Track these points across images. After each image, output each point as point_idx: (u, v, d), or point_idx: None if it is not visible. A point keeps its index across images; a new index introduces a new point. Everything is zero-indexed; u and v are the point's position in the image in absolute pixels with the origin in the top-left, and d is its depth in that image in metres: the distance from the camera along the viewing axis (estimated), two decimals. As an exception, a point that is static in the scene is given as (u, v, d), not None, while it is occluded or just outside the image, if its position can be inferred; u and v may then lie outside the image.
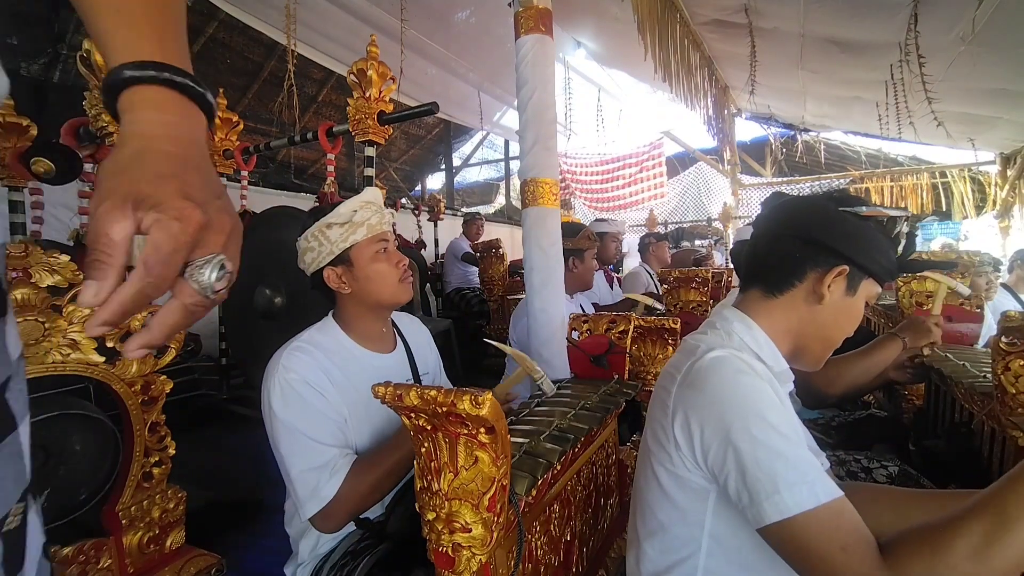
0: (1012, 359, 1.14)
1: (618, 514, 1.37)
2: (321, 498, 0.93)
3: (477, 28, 4.57)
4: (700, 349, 0.77)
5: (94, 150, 1.92)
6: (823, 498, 0.62)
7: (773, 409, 0.68)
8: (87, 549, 1.21)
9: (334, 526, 0.97)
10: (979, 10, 2.35)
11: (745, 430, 0.66)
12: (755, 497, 0.64)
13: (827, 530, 0.61)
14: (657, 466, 0.78)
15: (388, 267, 1.11)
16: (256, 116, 5.87)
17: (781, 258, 0.81)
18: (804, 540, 0.62)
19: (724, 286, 3.00)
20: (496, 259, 3.65)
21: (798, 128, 6.06)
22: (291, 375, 0.99)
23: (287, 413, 0.97)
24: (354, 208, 1.07)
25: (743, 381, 0.71)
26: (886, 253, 0.79)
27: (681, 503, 0.76)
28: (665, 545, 0.78)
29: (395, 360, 1.20)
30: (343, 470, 0.95)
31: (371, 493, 0.96)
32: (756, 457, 0.65)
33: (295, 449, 0.96)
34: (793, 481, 0.62)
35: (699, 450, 0.70)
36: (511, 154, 8.98)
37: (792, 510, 0.61)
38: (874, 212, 0.78)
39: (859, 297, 0.80)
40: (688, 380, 0.74)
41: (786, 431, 0.66)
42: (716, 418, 0.69)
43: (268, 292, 2.14)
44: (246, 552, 1.69)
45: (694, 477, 0.73)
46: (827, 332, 0.82)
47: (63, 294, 1.17)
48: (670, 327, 1.52)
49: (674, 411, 0.74)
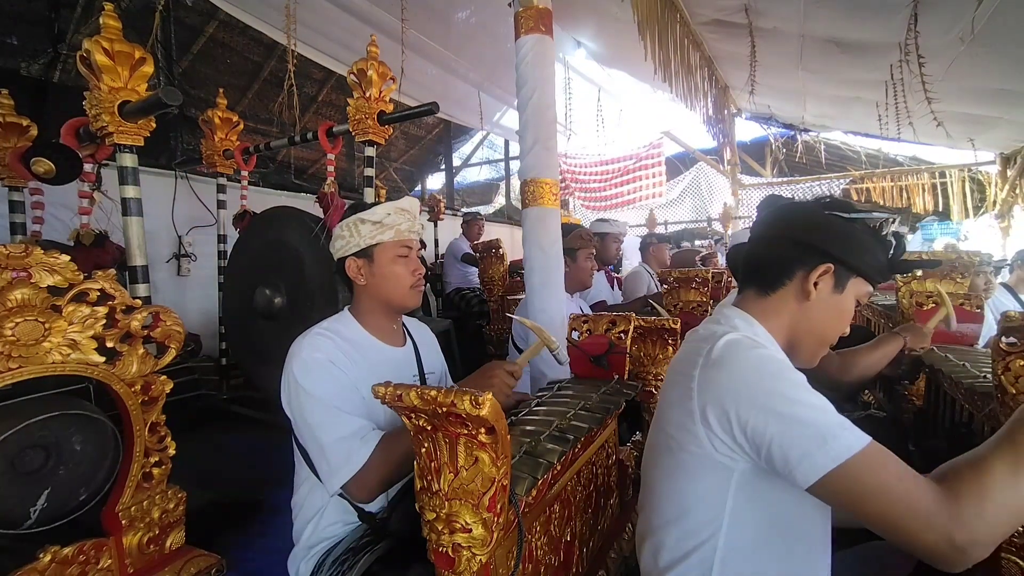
0: (1012, 359, 1.14)
1: (618, 514, 1.37)
2: (354, 464, 0.96)
3: (477, 28, 4.56)
4: (716, 334, 0.81)
5: (94, 150, 1.92)
6: (865, 440, 0.66)
7: (794, 372, 0.74)
8: (87, 549, 1.21)
9: (367, 494, 0.99)
10: (978, 10, 2.34)
11: (780, 394, 0.70)
12: (806, 452, 0.66)
13: (879, 466, 0.65)
14: (680, 453, 0.80)
15: (404, 271, 1.18)
16: (256, 116, 5.86)
17: (773, 258, 0.87)
18: (862, 480, 0.65)
19: (724, 286, 3.00)
20: (496, 259, 3.64)
21: (798, 128, 6.06)
22: (317, 354, 1.06)
23: (316, 387, 1.02)
24: (388, 211, 1.16)
25: (764, 354, 0.76)
26: (874, 253, 0.83)
27: (705, 484, 0.78)
28: (684, 531, 0.80)
29: (404, 354, 1.26)
30: (373, 439, 0.99)
31: (400, 463, 0.98)
32: (796, 415, 0.68)
33: (326, 420, 1.00)
34: (836, 431, 0.67)
35: (736, 427, 0.72)
36: (511, 154, 8.98)
37: (844, 454, 0.65)
38: (859, 215, 0.83)
39: (847, 295, 0.85)
40: (711, 362, 0.78)
41: (813, 391, 0.71)
42: (749, 391, 0.72)
43: (268, 292, 2.14)
44: (246, 552, 1.69)
45: (721, 458, 0.75)
46: (818, 328, 0.87)
47: (63, 294, 1.17)
48: (670, 327, 1.52)
49: (701, 395, 0.77)
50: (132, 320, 1.28)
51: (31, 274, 1.13)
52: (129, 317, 1.28)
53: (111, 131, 1.59)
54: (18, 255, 1.11)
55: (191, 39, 4.89)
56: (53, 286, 1.15)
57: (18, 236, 2.25)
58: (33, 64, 3.81)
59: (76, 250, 2.01)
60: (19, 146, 2.07)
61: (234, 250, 2.54)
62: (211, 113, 2.66)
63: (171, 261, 3.49)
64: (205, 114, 2.68)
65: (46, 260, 1.15)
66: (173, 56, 4.13)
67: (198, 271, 3.57)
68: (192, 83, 4.85)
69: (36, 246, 1.15)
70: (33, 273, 1.13)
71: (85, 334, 1.20)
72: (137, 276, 1.68)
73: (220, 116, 2.66)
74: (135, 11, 3.97)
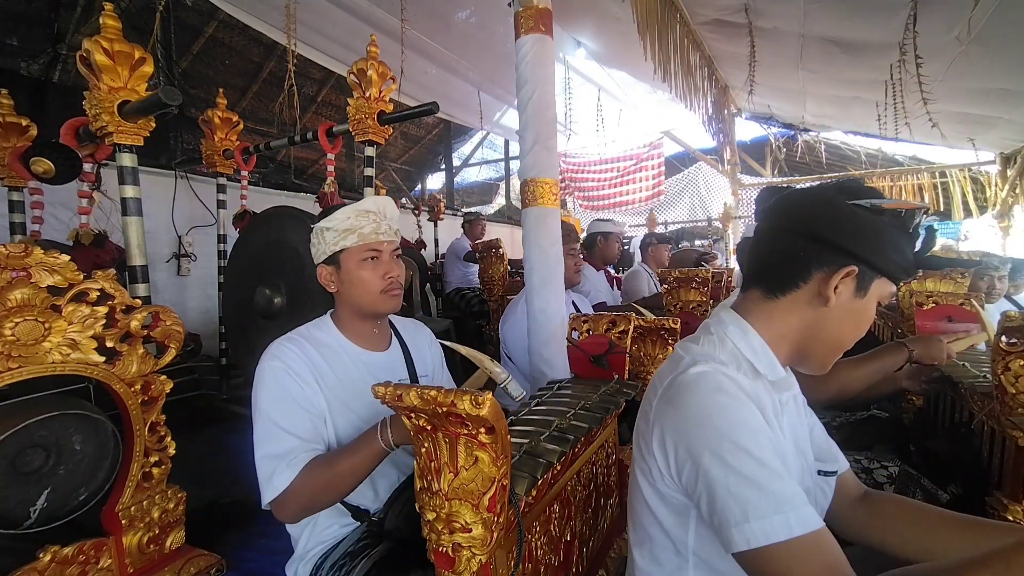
0: (1012, 359, 1.14)
1: (618, 514, 1.37)
2: (275, 487, 0.95)
3: (477, 28, 4.56)
4: (684, 361, 0.74)
5: (94, 150, 1.91)
6: (797, 531, 0.58)
7: (752, 433, 0.64)
8: (87, 549, 1.21)
9: (285, 517, 0.98)
10: (975, 11, 2.34)
11: (717, 454, 0.63)
12: (724, 523, 0.61)
13: (799, 564, 0.58)
14: (641, 479, 0.76)
15: (372, 276, 1.14)
16: (256, 116, 5.86)
17: (784, 257, 0.75)
18: (775, 572, 0.59)
19: (724, 286, 3.00)
20: (496, 259, 3.64)
21: (798, 128, 6.06)
22: (275, 363, 1.04)
23: (262, 399, 1.02)
24: (347, 215, 1.13)
25: (720, 402, 0.67)
26: (902, 250, 0.71)
27: (664, 518, 0.74)
28: (654, 556, 0.77)
29: (387, 358, 1.22)
30: (300, 464, 0.96)
31: (322, 492, 0.96)
32: (727, 483, 0.62)
33: (262, 434, 1.00)
34: (764, 512, 0.59)
35: (674, 468, 0.69)
36: (511, 154, 8.98)
37: (761, 541, 0.59)
38: (891, 205, 0.70)
39: (870, 298, 0.74)
40: (668, 395, 0.72)
41: (762, 456, 0.62)
42: (690, 438, 0.67)
43: (268, 292, 2.14)
44: (246, 552, 1.69)
45: (674, 493, 0.71)
46: (833, 335, 0.76)
47: (63, 294, 1.17)
48: (670, 327, 1.52)
49: (653, 425, 0.73)
50: (132, 320, 1.28)
51: (31, 274, 1.13)
52: (129, 317, 1.28)
53: (111, 131, 1.59)
54: (18, 255, 1.11)
55: (191, 39, 4.88)
56: (53, 286, 1.15)
57: (18, 236, 2.25)
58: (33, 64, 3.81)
59: (76, 250, 2.00)
60: (19, 146, 2.07)
61: (234, 250, 2.54)
62: (211, 113, 2.66)
63: (171, 261, 3.49)
64: (205, 114, 2.68)
65: (46, 260, 1.15)
66: (173, 56, 4.13)
67: (198, 271, 3.57)
68: (192, 83, 4.84)
69: (36, 246, 1.15)
70: (33, 273, 1.13)
71: (85, 334, 1.20)
72: (137, 276, 1.68)
73: (220, 116, 2.66)
74: (135, 11, 3.96)
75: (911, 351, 1.29)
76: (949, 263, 1.25)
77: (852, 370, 1.27)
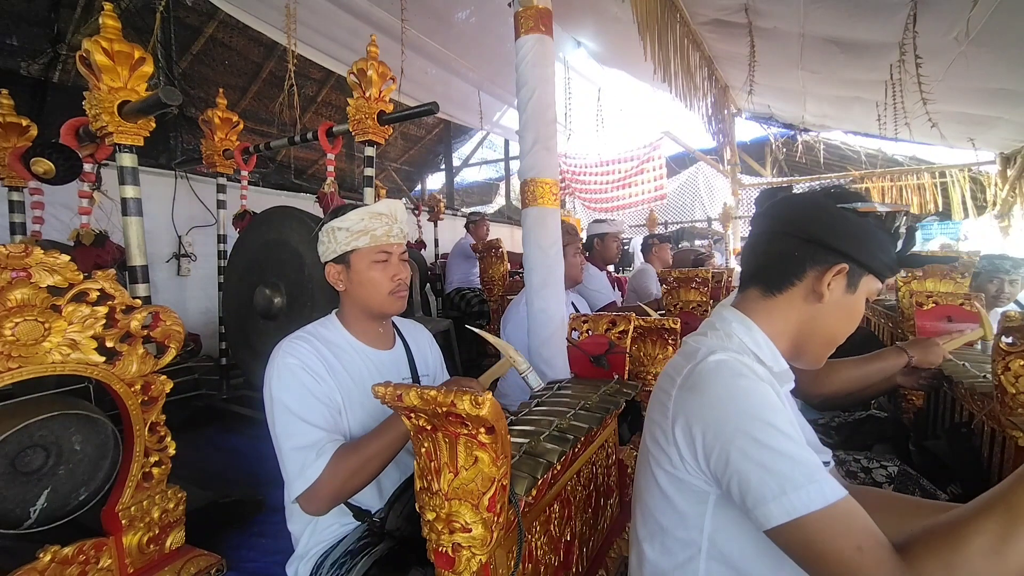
0: (1012, 359, 1.14)
1: (618, 514, 1.37)
2: (307, 478, 0.96)
3: (477, 28, 4.57)
4: (700, 352, 0.77)
5: (94, 150, 1.92)
6: (831, 498, 0.61)
7: (775, 411, 0.67)
8: (87, 549, 1.21)
9: (316, 508, 0.99)
10: (974, 11, 2.34)
11: (747, 433, 0.66)
12: (761, 499, 0.63)
13: (840, 530, 0.60)
14: (656, 468, 0.78)
15: (382, 277, 1.16)
16: (256, 116, 5.86)
17: (780, 257, 0.81)
18: (816, 541, 0.60)
19: (724, 286, 3.00)
20: (496, 259, 3.64)
21: (798, 128, 6.06)
22: (290, 359, 1.06)
23: (283, 394, 1.02)
24: (361, 217, 1.14)
25: (743, 385, 0.70)
26: (886, 249, 0.78)
27: (681, 506, 0.75)
28: (665, 547, 0.78)
29: (392, 357, 1.25)
30: (329, 452, 0.98)
31: (352, 476, 0.97)
32: (760, 460, 0.64)
33: (288, 429, 1.00)
34: (800, 482, 0.62)
35: (700, 454, 0.70)
36: (511, 154, 8.98)
37: (800, 511, 0.60)
38: (870, 208, 0.77)
39: (859, 294, 0.80)
40: (688, 383, 0.74)
41: (789, 431, 0.66)
42: (717, 422, 0.68)
43: (268, 292, 2.14)
44: (246, 552, 1.69)
45: (694, 480, 0.73)
46: (828, 330, 0.82)
47: (63, 294, 1.17)
48: (670, 327, 1.52)
49: (674, 415, 0.74)
50: (132, 320, 1.28)
51: (31, 274, 1.13)
52: (129, 317, 1.28)
53: (111, 131, 1.59)
54: (18, 255, 1.11)
55: (191, 39, 4.88)
56: (53, 286, 1.15)
57: (18, 236, 2.25)
58: (33, 64, 3.81)
59: (76, 250, 2.00)
60: (19, 146, 2.07)
61: (234, 250, 2.54)
62: (211, 113, 2.66)
63: (171, 261, 3.49)
64: (205, 114, 2.68)
65: (46, 260, 1.15)
66: (173, 56, 4.13)
67: (198, 271, 3.57)
68: (192, 83, 4.84)
69: (36, 246, 1.15)
70: (33, 273, 1.13)
71: (85, 334, 1.20)
72: (137, 276, 1.68)
73: (220, 116, 2.66)
74: (135, 11, 3.96)
75: (911, 357, 1.35)
76: (929, 260, 1.27)
77: (853, 369, 1.33)
